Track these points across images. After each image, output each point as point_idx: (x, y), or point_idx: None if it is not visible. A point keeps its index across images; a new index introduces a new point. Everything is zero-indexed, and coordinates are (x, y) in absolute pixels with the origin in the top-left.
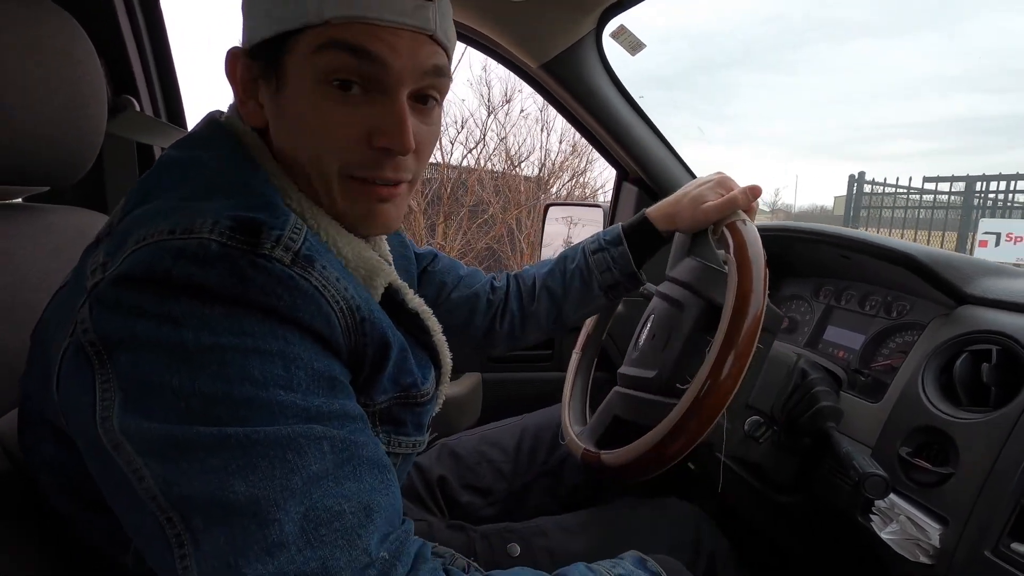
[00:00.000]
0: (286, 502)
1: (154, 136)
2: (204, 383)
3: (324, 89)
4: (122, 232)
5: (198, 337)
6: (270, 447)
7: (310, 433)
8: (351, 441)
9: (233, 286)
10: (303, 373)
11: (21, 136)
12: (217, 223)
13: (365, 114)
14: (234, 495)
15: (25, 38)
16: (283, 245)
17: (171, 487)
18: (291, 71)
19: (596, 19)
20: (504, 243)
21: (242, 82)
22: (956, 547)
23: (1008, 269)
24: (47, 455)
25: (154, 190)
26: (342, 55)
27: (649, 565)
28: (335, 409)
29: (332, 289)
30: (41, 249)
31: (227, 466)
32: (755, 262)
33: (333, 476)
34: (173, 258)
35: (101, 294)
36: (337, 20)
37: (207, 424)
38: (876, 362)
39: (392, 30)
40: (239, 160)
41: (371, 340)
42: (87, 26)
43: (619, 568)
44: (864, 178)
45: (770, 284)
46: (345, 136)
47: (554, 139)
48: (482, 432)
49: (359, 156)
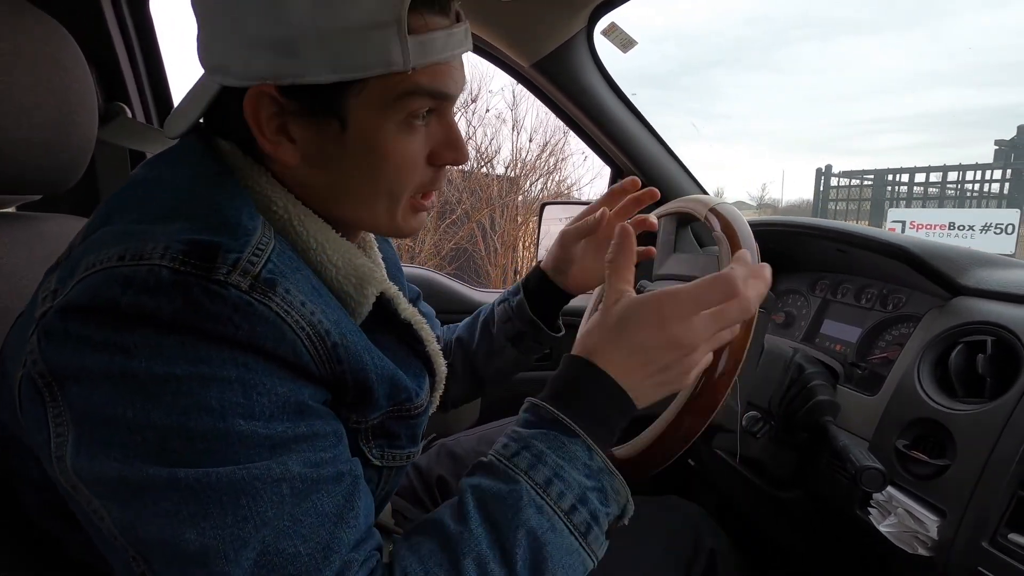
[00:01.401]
0: (237, 552)
1: (146, 143)
2: (159, 415)
3: (404, 127)
4: (76, 257)
5: (151, 367)
6: (223, 492)
7: (267, 475)
8: (313, 476)
9: (187, 315)
10: (265, 400)
11: (11, 145)
12: (169, 248)
13: (427, 136)
14: (185, 543)
15: (13, 46)
16: (240, 269)
17: (128, 531)
18: (359, 113)
19: (587, 17)
20: (477, 242)
21: (268, 120)
22: (954, 539)
23: (1002, 260)
24: (30, 476)
25: (115, 211)
26: (424, 99)
27: (542, 412)
28: (301, 432)
29: (296, 314)
30: (34, 258)
31: (179, 512)
32: (744, 238)
33: (290, 516)
34: (122, 287)
35: (48, 324)
36: (421, 67)
37: (162, 461)
38: (872, 355)
39: (455, 65)
40: (208, 177)
41: (348, 366)
42: (75, 33)
43: (511, 448)
44: (832, 171)
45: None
46: (417, 162)
47: (524, 138)
48: (480, 432)
49: (426, 176)
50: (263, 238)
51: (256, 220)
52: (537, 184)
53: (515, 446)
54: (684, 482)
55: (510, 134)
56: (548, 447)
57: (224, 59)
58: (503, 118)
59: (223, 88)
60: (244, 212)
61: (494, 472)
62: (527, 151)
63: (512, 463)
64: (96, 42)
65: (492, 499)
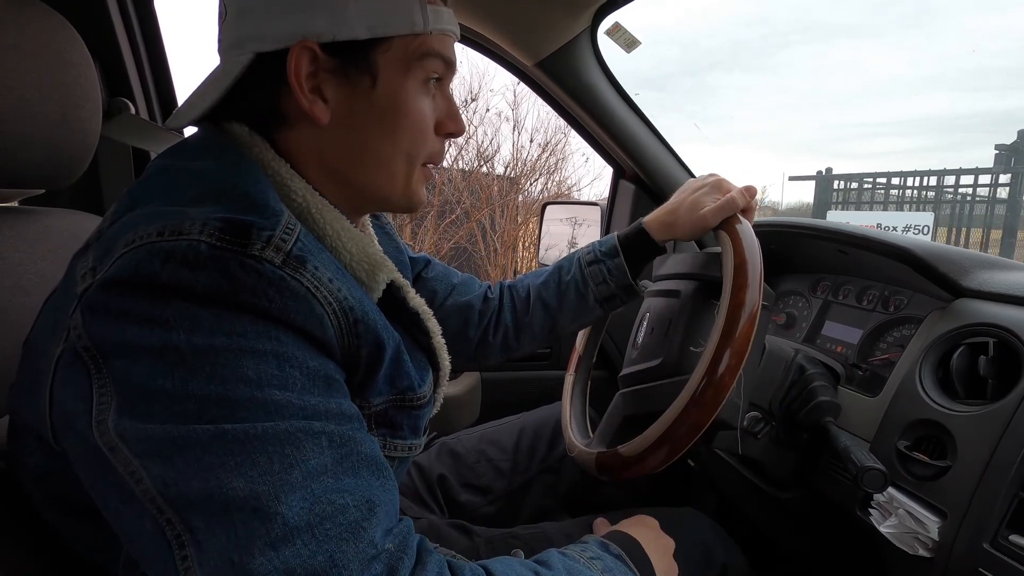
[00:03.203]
0: (287, 496)
1: (149, 139)
2: (198, 385)
3: (424, 87)
4: (111, 236)
5: (190, 339)
6: (268, 442)
7: (308, 428)
8: (349, 437)
9: (223, 288)
10: (298, 372)
11: (15, 139)
12: (207, 224)
13: (435, 107)
14: (233, 491)
15: (19, 41)
16: (273, 246)
17: (169, 487)
18: (386, 70)
19: (590, 17)
20: (477, 242)
21: (306, 79)
22: (955, 540)
23: (1004, 262)
24: (36, 466)
25: (142, 198)
26: (438, 62)
27: (611, 549)
28: (331, 408)
29: (324, 290)
30: (37, 252)
31: (225, 463)
32: (751, 259)
33: (332, 472)
34: (162, 261)
35: (91, 300)
36: (436, 32)
37: (204, 424)
38: (874, 356)
39: (453, 39)
40: (230, 164)
41: (365, 341)
42: (81, 29)
43: (589, 552)
44: (832, 174)
45: (768, 280)
46: (430, 127)
47: (525, 138)
48: (481, 431)
49: (437, 144)
50: (290, 220)
51: (281, 205)
52: (537, 184)
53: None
54: (684, 484)
55: (511, 134)
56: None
57: (260, 27)
58: (504, 116)
59: (256, 58)
60: (271, 196)
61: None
62: (527, 151)
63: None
64: (101, 38)
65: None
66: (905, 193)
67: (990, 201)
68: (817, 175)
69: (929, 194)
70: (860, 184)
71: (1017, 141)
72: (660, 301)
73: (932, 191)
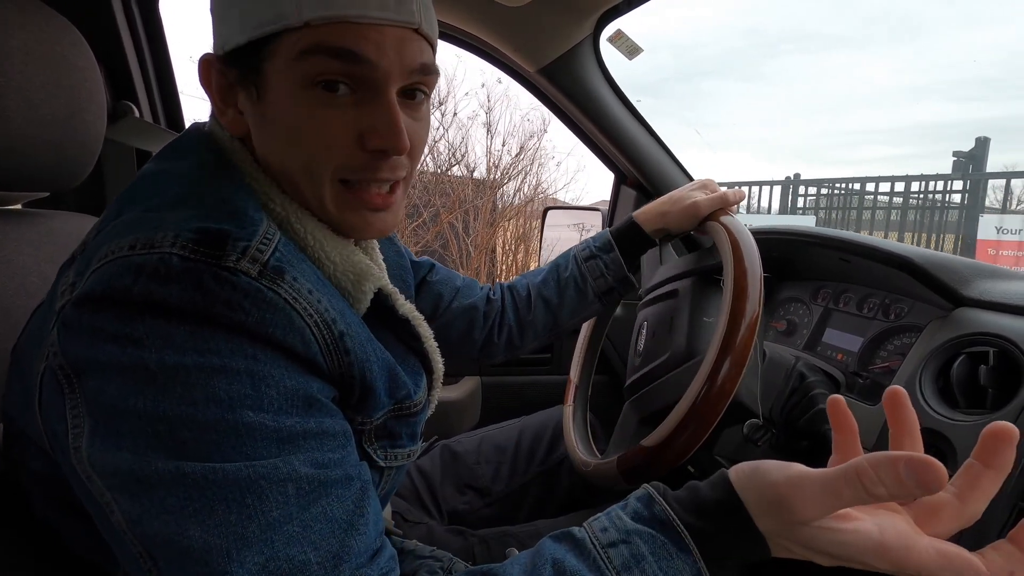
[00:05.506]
0: (239, 552)
1: (153, 142)
2: (168, 406)
3: (310, 93)
4: (93, 248)
5: (161, 357)
6: (228, 488)
7: (273, 474)
8: (322, 477)
9: (196, 302)
10: (273, 392)
11: (20, 142)
12: (179, 236)
13: (355, 115)
14: (189, 540)
15: (23, 43)
16: (249, 257)
17: (135, 524)
18: (272, 78)
19: (593, 24)
20: (450, 246)
21: (219, 90)
22: None
23: (1004, 271)
24: (34, 469)
25: (127, 204)
26: (327, 60)
27: (656, 510)
28: (311, 428)
29: (304, 302)
30: (41, 255)
31: (184, 508)
32: (748, 255)
33: (299, 520)
34: (133, 275)
35: (66, 316)
36: (317, 21)
37: (171, 453)
38: (874, 364)
39: (377, 27)
40: (213, 169)
41: (355, 358)
42: (86, 33)
43: (617, 527)
44: (800, 179)
45: (768, 287)
46: (337, 139)
47: (498, 142)
48: (481, 434)
49: (353, 159)
50: (269, 229)
51: (260, 213)
52: (510, 187)
53: (614, 534)
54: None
55: (483, 138)
56: (651, 551)
57: (214, 37)
58: (474, 118)
59: None
60: (250, 204)
61: (583, 553)
62: (499, 155)
63: (606, 554)
64: (106, 41)
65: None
66: (875, 199)
67: (946, 207)
68: (785, 180)
69: (896, 199)
70: (831, 189)
71: (974, 148)
72: (656, 307)
73: (900, 196)
